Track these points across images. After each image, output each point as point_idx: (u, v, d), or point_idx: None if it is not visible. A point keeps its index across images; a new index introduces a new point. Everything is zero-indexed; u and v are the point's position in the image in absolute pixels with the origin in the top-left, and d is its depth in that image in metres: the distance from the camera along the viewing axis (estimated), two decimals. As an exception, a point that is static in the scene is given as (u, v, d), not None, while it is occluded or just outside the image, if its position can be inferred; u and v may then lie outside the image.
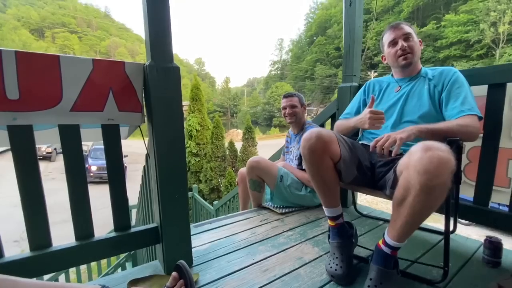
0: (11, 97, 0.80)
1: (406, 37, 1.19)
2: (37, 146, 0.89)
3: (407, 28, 1.20)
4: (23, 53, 0.80)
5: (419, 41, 1.23)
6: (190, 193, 5.37)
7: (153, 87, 0.94)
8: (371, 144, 0.95)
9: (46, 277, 2.73)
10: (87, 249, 0.96)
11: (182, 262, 0.79)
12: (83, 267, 3.75)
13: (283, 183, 1.71)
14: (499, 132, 1.17)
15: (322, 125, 1.97)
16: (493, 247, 1.10)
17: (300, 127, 1.84)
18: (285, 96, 1.85)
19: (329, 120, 1.96)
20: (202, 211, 4.57)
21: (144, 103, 1.00)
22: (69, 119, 0.89)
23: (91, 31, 66.45)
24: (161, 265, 1.09)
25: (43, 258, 0.88)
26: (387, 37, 1.24)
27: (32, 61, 0.81)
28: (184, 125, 7.89)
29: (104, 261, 4.17)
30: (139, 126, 1.03)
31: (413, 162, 0.77)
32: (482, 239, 1.21)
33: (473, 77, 1.19)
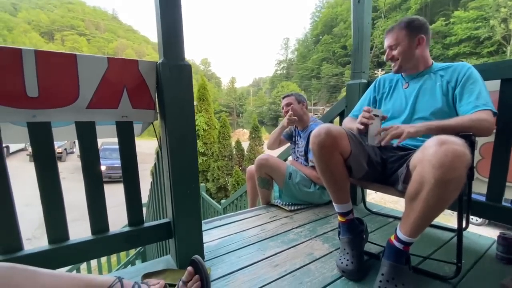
0: (31, 94, 0.83)
1: (390, 46, 1.23)
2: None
3: (396, 35, 1.20)
4: (42, 52, 0.83)
5: (419, 38, 1.17)
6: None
7: (165, 85, 0.96)
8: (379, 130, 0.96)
9: (63, 269, 2.79)
10: (103, 243, 0.98)
11: (197, 257, 0.80)
12: (94, 265, 3.82)
13: (292, 180, 1.72)
14: (513, 128, 1.15)
15: (331, 122, 1.97)
16: (507, 243, 1.08)
17: (304, 124, 1.87)
18: (283, 98, 1.95)
19: (338, 118, 1.96)
20: (210, 210, 4.60)
21: (157, 100, 1.02)
22: (85, 116, 0.92)
23: (99, 33, 67.60)
24: (173, 260, 1.11)
25: (61, 251, 0.91)
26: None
27: (50, 60, 0.84)
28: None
29: (114, 259, 4.25)
30: (152, 123, 1.06)
31: (428, 156, 0.77)
32: (495, 237, 1.20)
33: (486, 72, 1.17)
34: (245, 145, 7.50)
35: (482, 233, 1.38)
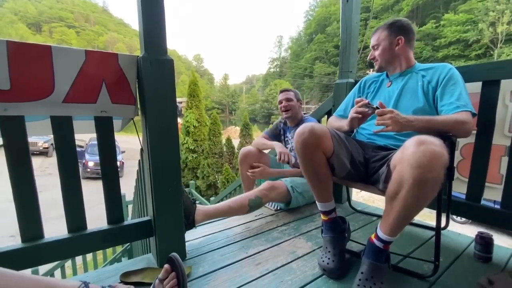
0: (2, 87, 0.79)
1: (373, 47, 1.28)
2: (33, 141, 0.89)
3: (378, 36, 1.25)
4: (14, 43, 0.79)
5: (399, 39, 1.19)
6: (187, 189, 5.37)
7: (146, 80, 0.93)
8: (380, 110, 0.96)
9: (41, 269, 2.72)
10: (79, 241, 0.96)
11: (174, 254, 0.79)
12: (79, 262, 3.75)
13: (295, 192, 1.63)
14: (492, 129, 1.17)
15: (319, 121, 1.97)
16: (484, 242, 1.11)
17: (297, 121, 1.85)
18: (282, 91, 1.88)
19: (326, 117, 1.96)
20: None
21: (137, 95, 1.00)
22: (61, 111, 0.89)
23: (89, 26, 65.83)
24: (154, 258, 1.10)
25: (34, 250, 0.88)
26: None
27: (23, 51, 0.81)
28: (182, 121, 7.96)
29: (100, 256, 4.17)
30: (132, 119, 1.03)
31: (407, 156, 0.77)
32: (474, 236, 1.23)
33: (467, 74, 1.19)
34: (236, 142, 7.47)
35: (466, 231, 1.40)
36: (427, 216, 1.64)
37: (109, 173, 1.01)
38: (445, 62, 1.30)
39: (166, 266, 0.79)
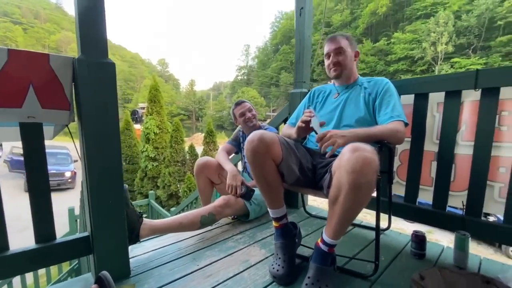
0: None
1: (338, 51, 1.26)
2: None
3: (341, 41, 1.26)
4: None
5: (355, 52, 1.30)
6: (146, 200, 5.07)
7: (83, 84, 0.87)
8: (317, 136, 0.98)
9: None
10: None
11: (104, 273, 0.73)
12: (41, 272, 3.39)
13: (253, 205, 1.60)
14: (424, 137, 1.31)
15: (277, 128, 2.01)
16: (419, 240, 1.21)
17: (255, 129, 1.84)
18: (238, 104, 1.81)
19: (283, 124, 2.02)
20: (159, 219, 4.35)
21: (74, 100, 0.92)
22: (-25, 116, 0.78)
23: (38, 23, 60.08)
24: (93, 278, 1.00)
25: None
26: (324, 49, 1.32)
27: None
28: (142, 127, 7.56)
29: (43, 279, 3.72)
30: (67, 126, 0.94)
31: (343, 162, 0.82)
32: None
33: (402, 87, 1.32)
34: (200, 150, 7.30)
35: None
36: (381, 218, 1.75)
37: (38, 186, 0.90)
38: (396, 75, 1.42)
39: (93, 286, 0.72)
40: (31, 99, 0.84)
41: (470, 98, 1.19)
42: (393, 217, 1.38)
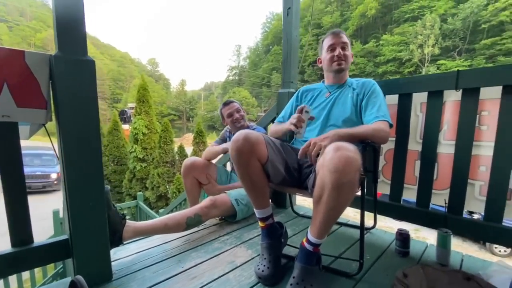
0: None
1: (343, 46, 1.29)
2: None
3: (345, 38, 1.30)
4: None
5: (351, 53, 1.34)
6: (134, 202, 4.98)
7: (60, 82, 0.84)
8: (300, 152, 0.97)
9: None
10: (-31, 271, 0.80)
11: (78, 277, 0.70)
12: (25, 276, 3.27)
13: (240, 205, 1.58)
14: (408, 136, 1.33)
15: (265, 128, 2.01)
16: (403, 238, 1.23)
17: (242, 128, 1.84)
18: (226, 104, 1.80)
19: (271, 124, 2.02)
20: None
21: (51, 99, 0.89)
22: None
23: (24, 21, 58.23)
24: (72, 283, 0.97)
25: None
26: (327, 42, 1.32)
27: None
28: (130, 128, 7.42)
29: (27, 284, 3.59)
30: (44, 125, 0.91)
31: (326, 162, 0.82)
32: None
33: (387, 87, 1.34)
34: (190, 150, 7.22)
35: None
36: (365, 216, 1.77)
37: (14, 187, 0.87)
38: (384, 77, 1.45)
39: (69, 291, 0.70)
40: (5, 97, 0.81)
41: (452, 98, 1.22)
42: (380, 216, 1.40)
